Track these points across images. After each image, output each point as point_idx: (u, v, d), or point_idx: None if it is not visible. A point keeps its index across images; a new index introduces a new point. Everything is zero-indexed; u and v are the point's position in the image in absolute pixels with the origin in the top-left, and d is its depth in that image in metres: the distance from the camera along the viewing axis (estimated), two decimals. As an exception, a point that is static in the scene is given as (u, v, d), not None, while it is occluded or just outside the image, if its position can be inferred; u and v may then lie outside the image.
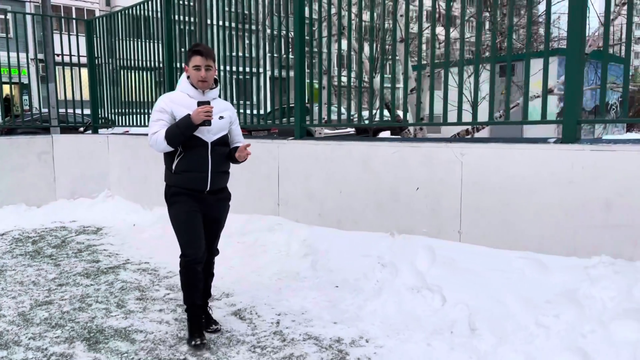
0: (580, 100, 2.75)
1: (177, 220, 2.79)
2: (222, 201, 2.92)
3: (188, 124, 2.61)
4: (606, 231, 2.58)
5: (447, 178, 3.23)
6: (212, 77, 2.75)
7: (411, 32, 4.16)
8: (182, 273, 2.81)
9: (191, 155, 2.70)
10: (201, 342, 2.69)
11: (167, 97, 2.77)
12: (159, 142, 2.66)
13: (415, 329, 2.84)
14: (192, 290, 2.80)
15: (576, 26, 2.68)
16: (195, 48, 2.73)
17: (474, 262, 3.06)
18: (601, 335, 2.32)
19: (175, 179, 2.76)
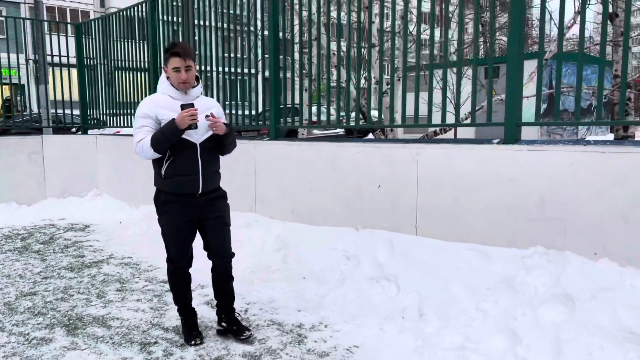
0: (520, 104, 2.99)
1: (167, 231, 2.76)
2: (217, 200, 2.80)
3: (174, 129, 2.51)
4: (541, 224, 2.83)
5: (405, 176, 3.47)
6: (193, 76, 2.65)
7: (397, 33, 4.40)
8: (170, 277, 2.86)
9: (181, 158, 2.61)
10: (201, 341, 2.73)
11: (149, 100, 2.67)
12: (145, 150, 2.56)
13: (371, 315, 3.08)
14: (181, 291, 2.85)
15: (515, 34, 2.92)
16: (172, 49, 2.61)
17: (427, 253, 3.30)
18: (531, 318, 2.56)
19: (165, 184, 2.67)
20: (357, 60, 4.05)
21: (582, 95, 2.87)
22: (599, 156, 2.61)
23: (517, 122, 2.98)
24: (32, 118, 8.64)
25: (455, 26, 3.25)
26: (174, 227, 2.72)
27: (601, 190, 2.60)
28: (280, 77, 4.50)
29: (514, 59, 2.93)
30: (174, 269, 2.82)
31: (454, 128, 9.63)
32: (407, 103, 3.63)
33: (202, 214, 2.72)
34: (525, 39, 2.99)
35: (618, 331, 2.29)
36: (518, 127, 2.99)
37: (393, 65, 4.20)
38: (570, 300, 2.52)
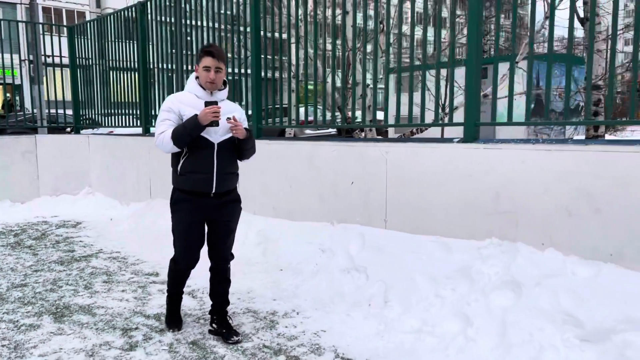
0: (478, 105, 3.20)
1: (177, 230, 2.78)
2: (230, 203, 2.81)
3: (195, 124, 2.54)
4: (496, 217, 3.04)
5: (376, 173, 3.68)
6: (221, 79, 2.68)
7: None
8: (171, 274, 2.92)
9: (196, 156, 2.64)
10: (179, 330, 2.90)
11: (175, 97, 2.73)
12: (165, 142, 2.60)
13: (340, 302, 3.28)
14: (176, 285, 2.96)
15: (473, 38, 3.12)
16: (206, 49, 2.66)
17: (394, 246, 3.50)
18: (482, 303, 2.77)
19: (180, 181, 2.71)
20: (330, 61, 4.24)
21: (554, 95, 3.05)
22: (546, 154, 2.82)
23: (476, 122, 3.19)
24: (27, 118, 8.83)
25: (437, 27, 3.38)
26: (182, 225, 2.74)
27: (548, 186, 2.81)
28: (262, 78, 4.70)
29: (472, 63, 3.14)
30: (176, 271, 2.89)
31: (441, 128, 9.89)
32: (388, 104, 3.83)
33: (212, 215, 2.74)
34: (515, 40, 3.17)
35: (557, 314, 2.50)
36: (476, 127, 3.20)
37: (376, 68, 4.38)
38: (518, 287, 2.73)
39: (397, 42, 3.59)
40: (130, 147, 6.48)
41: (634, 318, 2.28)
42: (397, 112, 3.57)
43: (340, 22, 4.88)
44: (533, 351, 2.39)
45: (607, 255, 2.61)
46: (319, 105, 4.48)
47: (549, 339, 2.42)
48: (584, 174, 2.67)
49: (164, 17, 5.79)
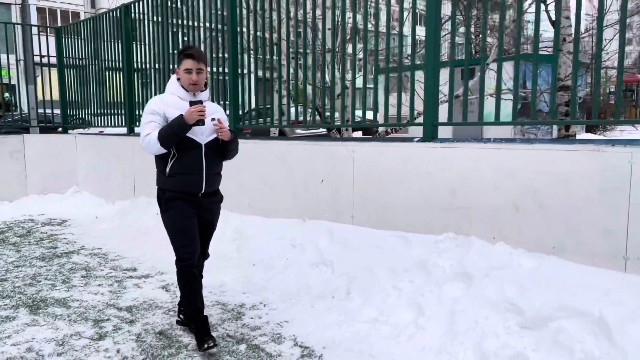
0: (437, 106, 3.34)
1: (173, 226, 2.75)
2: (215, 204, 2.90)
3: (182, 123, 2.56)
4: (452, 213, 3.18)
5: (343, 172, 3.82)
6: (203, 79, 2.71)
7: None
8: (180, 277, 2.78)
9: (186, 157, 2.67)
10: (214, 344, 2.61)
11: (159, 99, 2.75)
12: (152, 144, 2.61)
13: (305, 295, 3.42)
14: (192, 294, 2.76)
15: (430, 43, 3.26)
16: (186, 51, 2.69)
17: (360, 241, 3.65)
18: (436, 294, 2.91)
19: (169, 183, 2.72)
20: (310, 61, 4.38)
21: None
22: (495, 152, 2.96)
23: (434, 122, 3.33)
24: (22, 118, 8.94)
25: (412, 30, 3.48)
26: (180, 222, 2.72)
27: (498, 183, 2.95)
28: (239, 78, 4.83)
29: (429, 65, 3.28)
30: (184, 267, 2.75)
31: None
32: (366, 103, 3.97)
33: (200, 213, 2.79)
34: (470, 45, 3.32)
35: (502, 303, 2.64)
36: (434, 127, 3.34)
37: (354, 69, 4.53)
38: (468, 278, 2.87)
39: (375, 45, 3.71)
40: (116, 146, 6.60)
41: (568, 306, 2.43)
42: (380, 111, 3.70)
43: (316, 21, 5.01)
44: (477, 337, 2.53)
45: (550, 248, 2.76)
46: (299, 105, 4.62)
47: (492, 326, 2.56)
48: (530, 171, 2.81)
49: (148, 18, 5.91)
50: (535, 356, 2.35)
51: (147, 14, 5.90)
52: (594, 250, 2.61)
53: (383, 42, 4.14)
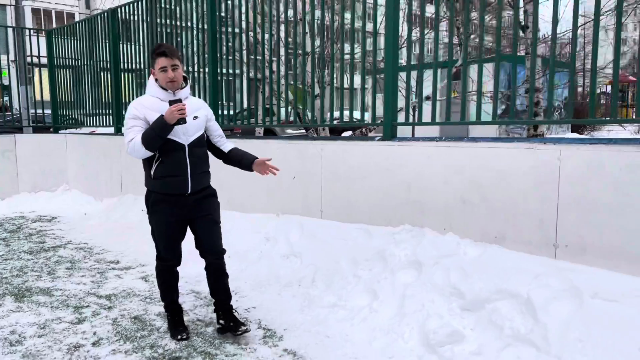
0: (395, 106, 3.58)
1: (157, 229, 2.81)
2: (206, 198, 2.84)
3: (163, 124, 2.53)
4: (408, 206, 3.42)
5: (313, 169, 4.05)
6: (180, 75, 2.66)
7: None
8: (159, 275, 2.90)
9: (169, 159, 2.65)
10: (187, 336, 2.76)
11: (138, 102, 2.69)
12: (137, 148, 2.59)
13: (274, 284, 3.66)
14: (168, 289, 2.91)
15: (389, 45, 3.50)
16: (158, 50, 2.64)
17: (327, 233, 3.88)
18: (390, 281, 3.14)
19: (155, 185, 2.72)
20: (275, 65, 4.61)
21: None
22: (446, 150, 3.20)
23: (393, 122, 3.57)
24: (14, 118, 9.14)
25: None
26: (164, 226, 2.76)
27: (447, 178, 3.19)
28: (218, 77, 5.06)
29: (389, 68, 3.52)
30: (164, 267, 2.86)
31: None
32: (343, 103, 4.21)
33: (191, 213, 2.76)
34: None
35: (447, 287, 2.88)
36: (393, 126, 3.58)
37: (333, 70, 4.73)
38: (420, 266, 3.11)
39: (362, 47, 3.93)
40: (104, 145, 6.82)
41: (503, 289, 2.67)
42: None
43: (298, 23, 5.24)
44: (422, 318, 2.76)
45: (493, 238, 3.00)
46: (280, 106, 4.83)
47: (437, 308, 2.80)
48: (475, 167, 3.05)
49: (134, 21, 6.14)
50: (471, 334, 2.59)
51: (134, 17, 6.12)
52: (529, 239, 2.85)
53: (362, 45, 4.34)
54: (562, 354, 2.27)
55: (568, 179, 2.66)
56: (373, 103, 3.73)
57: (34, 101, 8.57)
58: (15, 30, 8.61)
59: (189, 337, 2.83)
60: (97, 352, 2.70)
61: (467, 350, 2.48)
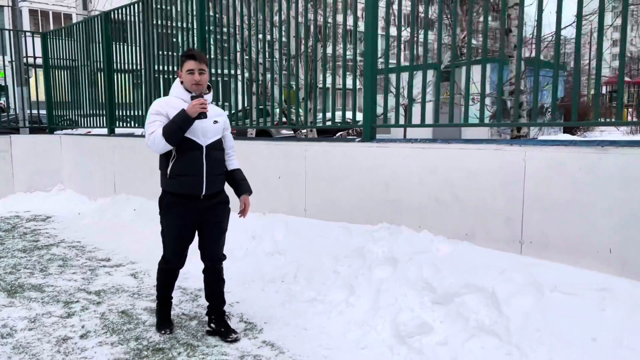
0: (374, 108, 3.72)
1: (167, 231, 2.85)
2: (220, 205, 2.89)
3: (185, 117, 2.58)
4: (386, 205, 3.55)
5: (298, 169, 4.18)
6: (205, 80, 2.75)
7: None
8: (160, 272, 2.97)
9: (186, 158, 2.68)
10: (170, 331, 2.89)
11: (163, 100, 2.78)
12: (157, 140, 2.62)
13: (258, 280, 3.79)
14: (166, 287, 3.00)
15: (368, 49, 3.64)
16: (188, 53, 2.75)
17: (310, 232, 4.01)
18: (367, 276, 3.28)
19: (170, 184, 2.75)
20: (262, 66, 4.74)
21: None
22: (421, 151, 3.34)
23: (372, 125, 3.70)
24: (11, 119, 9.26)
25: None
26: (175, 229, 2.80)
27: (422, 178, 3.33)
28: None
29: (368, 72, 3.66)
30: (167, 268, 2.94)
31: (403, 128, 10.44)
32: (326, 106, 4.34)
33: (203, 218, 2.81)
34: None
35: (419, 282, 3.02)
36: (372, 128, 3.72)
37: (315, 72, 4.87)
38: (395, 262, 3.24)
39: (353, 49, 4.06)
40: (97, 146, 6.95)
41: (471, 284, 2.80)
42: (343, 115, 4.06)
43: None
44: (394, 312, 2.90)
45: (464, 235, 3.14)
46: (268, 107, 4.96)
47: (409, 302, 2.94)
48: (448, 167, 3.18)
49: (129, 22, 6.27)
50: (439, 326, 2.72)
51: (128, 18, 6.26)
52: (497, 236, 2.99)
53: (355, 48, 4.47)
54: (521, 343, 2.41)
55: (532, 179, 2.80)
56: (354, 105, 3.87)
57: (30, 102, 8.71)
58: (11, 32, 8.73)
59: (172, 331, 2.95)
60: (84, 344, 2.83)
61: (434, 341, 2.62)
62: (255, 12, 4.77)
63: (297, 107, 4.66)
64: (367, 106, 3.69)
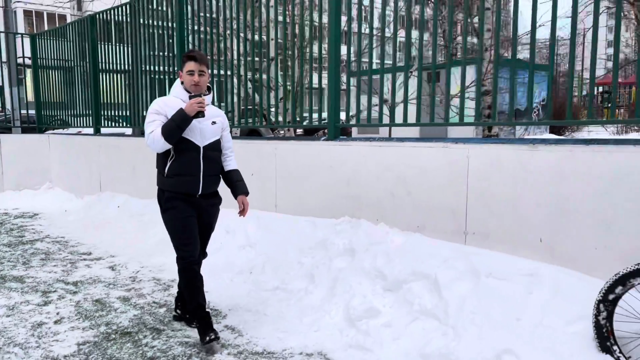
0: (338, 108, 3.93)
1: (173, 226, 2.81)
2: (214, 206, 2.98)
3: (183, 116, 2.61)
4: (348, 200, 3.76)
5: (269, 166, 4.39)
6: (205, 82, 2.77)
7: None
8: (182, 275, 2.82)
9: (183, 158, 2.72)
10: (215, 337, 2.71)
11: (162, 100, 2.80)
12: (157, 139, 2.65)
13: (229, 271, 3.99)
14: (194, 291, 2.80)
15: (332, 51, 3.85)
16: (189, 54, 2.77)
17: (280, 226, 4.22)
18: (327, 266, 3.49)
19: (168, 183, 2.78)
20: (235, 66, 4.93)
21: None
22: (378, 149, 3.55)
23: (336, 124, 3.92)
24: (6, 119, 9.43)
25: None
26: (180, 221, 2.79)
27: (379, 174, 3.54)
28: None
29: (332, 73, 3.87)
30: (186, 265, 2.80)
31: (389, 128, 10.65)
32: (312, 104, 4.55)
33: (199, 214, 2.87)
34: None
35: (373, 271, 3.22)
36: (336, 128, 3.93)
37: (283, 73, 5.08)
38: (353, 253, 3.45)
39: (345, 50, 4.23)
40: (84, 145, 7.14)
41: (417, 271, 3.01)
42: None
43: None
44: (348, 298, 3.11)
45: (416, 227, 3.35)
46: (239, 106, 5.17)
47: (362, 289, 3.14)
48: (402, 164, 3.40)
49: (113, 25, 6.47)
50: (387, 310, 2.93)
51: (114, 18, 6.46)
52: (445, 228, 3.20)
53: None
54: (456, 324, 2.62)
55: (475, 175, 3.01)
56: (320, 105, 4.08)
57: (26, 102, 8.89)
58: (1, 34, 8.91)
59: (217, 338, 2.73)
60: (57, 328, 3.03)
61: (380, 323, 2.83)
62: (232, 13, 4.97)
63: (269, 106, 4.86)
64: (331, 106, 3.90)
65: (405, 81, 3.72)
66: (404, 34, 3.78)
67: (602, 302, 2.15)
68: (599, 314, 2.16)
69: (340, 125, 3.94)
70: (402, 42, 4.04)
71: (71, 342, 2.84)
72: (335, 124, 3.91)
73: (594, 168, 2.54)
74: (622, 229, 2.47)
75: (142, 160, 5.86)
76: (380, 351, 2.66)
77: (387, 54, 5.07)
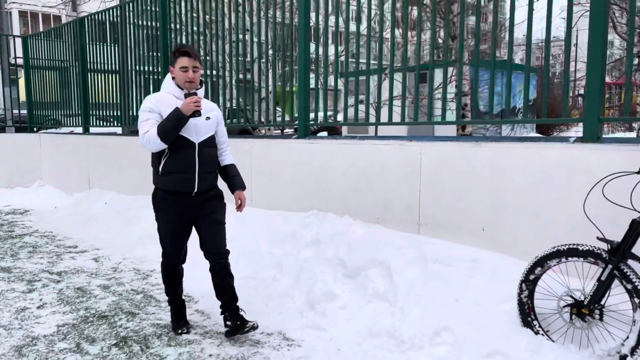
0: (308, 107, 4.17)
1: (163, 229, 2.84)
2: (213, 199, 2.86)
3: (179, 116, 2.56)
4: (316, 194, 4.00)
5: (245, 163, 4.62)
6: (198, 77, 2.71)
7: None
8: (164, 271, 2.97)
9: (178, 156, 2.66)
10: (187, 330, 2.84)
11: (154, 97, 2.74)
12: (152, 140, 2.59)
13: (206, 263, 4.21)
14: (173, 286, 2.97)
15: (301, 54, 4.09)
16: (181, 49, 2.69)
17: (255, 220, 4.45)
18: (295, 256, 3.73)
19: (162, 181, 2.74)
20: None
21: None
22: (344, 147, 3.79)
23: (305, 123, 4.16)
24: (0, 118, 9.65)
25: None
26: (170, 225, 2.79)
27: (344, 170, 3.78)
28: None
29: (301, 73, 4.11)
30: (168, 265, 2.93)
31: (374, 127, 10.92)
32: (294, 105, 4.79)
33: (197, 213, 2.78)
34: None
35: (335, 259, 3.47)
36: (306, 126, 4.18)
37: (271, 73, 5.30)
38: (319, 243, 3.70)
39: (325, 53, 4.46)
40: (73, 144, 7.36)
41: (374, 259, 3.26)
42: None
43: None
44: (311, 284, 3.35)
45: (376, 219, 3.59)
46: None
47: (324, 276, 3.38)
48: (364, 161, 3.64)
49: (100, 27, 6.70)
50: (344, 295, 3.18)
51: (103, 18, 6.69)
52: (401, 219, 3.44)
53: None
54: (404, 306, 2.87)
55: (426, 170, 3.26)
56: (291, 104, 4.33)
57: (19, 102, 9.10)
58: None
59: (189, 331, 2.88)
60: (39, 312, 3.26)
61: (336, 306, 3.08)
62: (216, 15, 5.21)
63: (252, 106, 5.10)
64: (301, 106, 4.14)
65: (379, 83, 3.98)
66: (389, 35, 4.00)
67: (524, 282, 2.40)
68: (521, 293, 2.41)
69: (309, 125, 4.19)
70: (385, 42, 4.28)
71: (51, 324, 3.07)
72: (305, 122, 4.15)
73: (527, 163, 2.79)
74: (551, 218, 2.72)
75: (128, 158, 6.10)
76: (334, 330, 2.90)
77: (362, 54, 5.31)
